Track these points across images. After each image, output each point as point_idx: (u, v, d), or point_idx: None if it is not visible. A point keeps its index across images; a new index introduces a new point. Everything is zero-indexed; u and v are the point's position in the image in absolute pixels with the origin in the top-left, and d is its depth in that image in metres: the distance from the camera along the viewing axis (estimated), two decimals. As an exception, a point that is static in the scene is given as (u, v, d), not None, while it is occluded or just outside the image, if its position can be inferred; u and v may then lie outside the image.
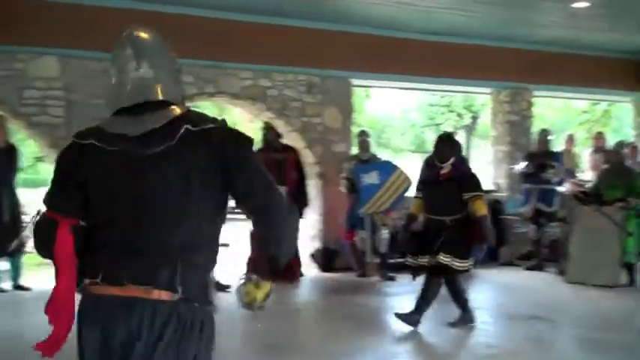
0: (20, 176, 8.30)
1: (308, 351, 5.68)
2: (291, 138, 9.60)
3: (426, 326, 6.19)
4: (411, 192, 7.64)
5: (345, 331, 6.28)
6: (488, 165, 11.72)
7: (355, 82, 10.17)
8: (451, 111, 24.52)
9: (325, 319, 6.96)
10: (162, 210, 2.10)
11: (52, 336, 2.17)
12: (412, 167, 9.17)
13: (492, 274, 9.20)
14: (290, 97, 9.50)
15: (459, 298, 6.24)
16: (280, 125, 9.47)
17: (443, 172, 6.15)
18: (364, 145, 9.32)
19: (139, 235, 2.10)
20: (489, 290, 8.44)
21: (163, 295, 2.07)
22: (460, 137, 23.44)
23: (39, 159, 23.80)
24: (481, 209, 5.99)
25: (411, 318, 6.13)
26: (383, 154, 12.74)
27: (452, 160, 6.14)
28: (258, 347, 5.75)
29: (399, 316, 6.16)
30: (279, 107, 9.44)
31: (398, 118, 28.26)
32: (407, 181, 8.53)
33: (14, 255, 7.87)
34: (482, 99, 18.12)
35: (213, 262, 2.26)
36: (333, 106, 9.78)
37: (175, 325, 2.09)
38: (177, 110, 2.20)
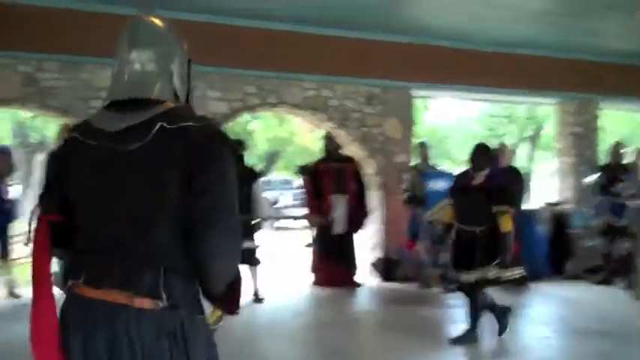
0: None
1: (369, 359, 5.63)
2: (352, 148, 9.61)
3: (487, 340, 6.06)
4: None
5: (406, 342, 6.19)
6: (551, 177, 11.44)
7: (415, 92, 10.09)
8: (512, 122, 24.10)
9: (385, 330, 6.89)
10: (138, 211, 1.93)
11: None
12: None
13: (557, 288, 8.95)
14: (350, 108, 9.50)
15: (477, 313, 6.11)
16: (341, 135, 9.49)
17: (475, 181, 6.08)
18: (424, 155, 9.26)
19: (118, 236, 1.94)
20: (554, 304, 8.22)
21: (145, 302, 1.89)
22: (523, 149, 23.07)
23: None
24: (506, 225, 5.85)
25: (468, 337, 6.03)
26: (442, 166, 12.61)
27: (487, 170, 6.08)
28: (320, 355, 5.73)
29: (454, 341, 6.03)
30: (340, 117, 9.44)
31: (457, 129, 27.95)
32: None
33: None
34: (546, 109, 17.73)
35: None
36: (393, 117, 9.72)
37: (160, 336, 1.89)
38: (164, 107, 1.99)
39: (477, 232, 5.89)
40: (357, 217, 9.00)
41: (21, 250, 7.81)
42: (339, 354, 5.71)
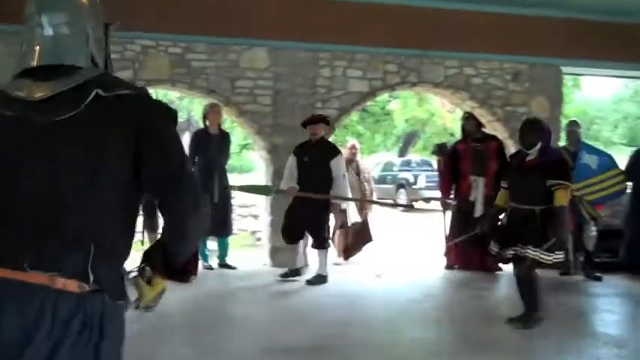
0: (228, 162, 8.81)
1: (507, 347, 5.45)
2: (493, 128, 9.33)
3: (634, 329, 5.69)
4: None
5: (546, 329, 5.93)
6: None
7: (565, 69, 9.60)
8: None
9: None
10: (67, 187, 1.79)
11: None
12: (623, 162, 8.51)
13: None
14: (494, 86, 9.20)
15: (533, 295, 5.81)
16: (483, 115, 9.23)
17: (529, 158, 5.77)
18: (574, 136, 8.77)
19: (44, 215, 1.78)
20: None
21: (70, 284, 1.74)
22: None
23: (244, 146, 25.37)
24: (561, 199, 5.53)
25: (531, 319, 5.79)
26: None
27: (538, 145, 5.73)
28: (454, 339, 5.63)
29: (513, 321, 5.81)
30: (482, 96, 9.17)
31: (610, 109, 26.40)
32: (623, 184, 8.09)
33: (222, 235, 8.36)
34: None
35: (129, 251, 1.94)
36: (540, 95, 9.32)
37: (81, 322, 1.76)
38: (89, 73, 1.87)
39: (535, 211, 5.62)
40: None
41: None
42: (474, 339, 5.57)
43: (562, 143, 9.29)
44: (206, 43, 8.28)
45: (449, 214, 9.01)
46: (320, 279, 7.46)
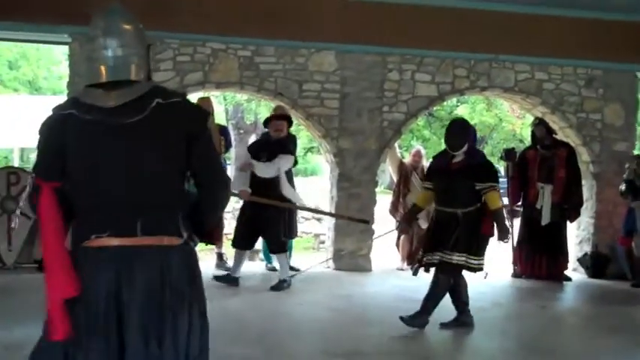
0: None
1: (569, 358, 5.33)
2: (565, 135, 9.12)
3: None
4: None
5: (613, 343, 5.76)
6: None
7: (642, 75, 9.30)
8: None
9: (591, 329, 6.46)
10: (153, 171, 2.35)
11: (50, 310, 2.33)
12: None
13: None
14: (567, 92, 8.98)
15: (460, 298, 5.69)
16: (554, 121, 9.04)
17: (455, 161, 5.59)
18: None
19: (137, 194, 2.33)
20: None
21: (172, 240, 2.36)
22: None
23: (309, 149, 25.48)
24: (495, 202, 5.46)
25: (417, 320, 5.59)
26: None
27: (465, 148, 5.57)
28: (520, 348, 5.52)
29: (403, 319, 5.59)
30: (554, 102, 8.97)
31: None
32: None
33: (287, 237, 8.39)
34: None
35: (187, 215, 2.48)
36: (615, 102, 9.05)
37: (183, 264, 2.38)
38: (147, 86, 2.42)
39: (459, 215, 5.48)
40: (567, 206, 8.47)
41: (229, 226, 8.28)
42: (540, 349, 5.46)
43: (637, 151, 9.02)
44: (275, 47, 8.36)
45: (516, 221, 8.84)
46: (282, 284, 7.19)
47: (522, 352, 5.43)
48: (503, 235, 5.58)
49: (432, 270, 5.74)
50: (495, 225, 5.54)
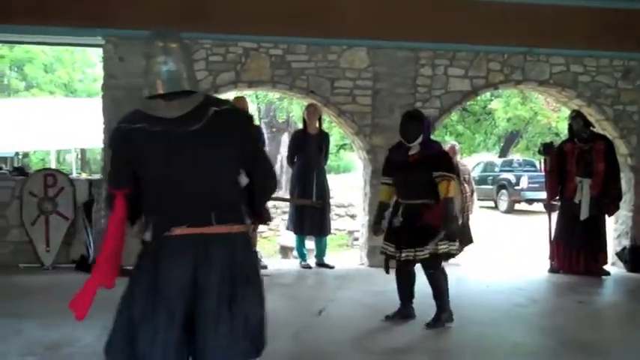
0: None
1: (610, 353, 5.23)
2: (602, 127, 8.98)
3: None
4: None
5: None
6: None
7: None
8: None
9: (630, 323, 6.36)
10: (219, 170, 2.76)
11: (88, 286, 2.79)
12: None
13: None
14: (603, 84, 8.84)
15: (444, 294, 5.61)
16: (591, 113, 8.91)
17: (412, 153, 5.52)
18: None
19: (207, 190, 2.73)
20: None
21: (239, 228, 2.80)
22: None
23: (342, 146, 25.47)
24: (447, 191, 5.40)
25: (439, 322, 5.59)
26: None
27: (420, 139, 5.49)
28: (557, 344, 5.45)
29: (429, 325, 5.57)
30: (590, 95, 8.83)
31: None
32: None
33: (320, 235, 8.42)
34: None
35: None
36: (652, 93, 8.88)
37: (246, 246, 2.85)
38: (200, 96, 2.80)
39: (421, 206, 5.45)
40: (606, 200, 8.33)
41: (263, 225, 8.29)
42: (578, 345, 5.39)
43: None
44: (306, 45, 8.36)
45: (554, 215, 8.73)
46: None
47: (561, 348, 5.35)
48: (449, 227, 5.44)
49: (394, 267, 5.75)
50: (442, 215, 5.42)
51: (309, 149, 8.27)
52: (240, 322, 2.72)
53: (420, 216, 5.51)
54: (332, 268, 8.37)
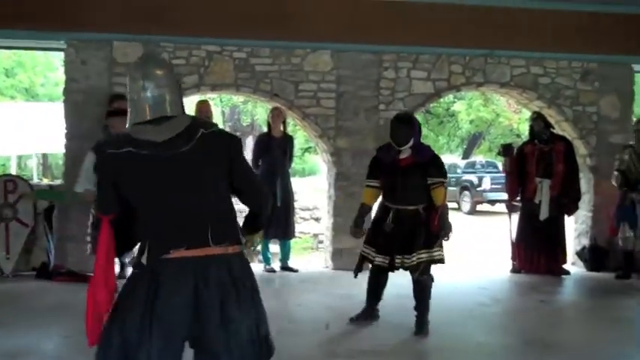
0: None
1: (573, 352, 5.32)
2: (562, 128, 9.13)
3: None
4: None
5: (613, 335, 5.80)
6: None
7: (637, 67, 9.31)
8: None
9: (591, 322, 6.48)
10: (209, 191, 2.75)
11: (90, 317, 2.76)
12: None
13: None
14: (563, 85, 8.99)
15: (427, 301, 5.61)
16: (551, 115, 9.05)
17: (403, 157, 5.52)
18: (642, 135, 8.47)
19: (201, 212, 2.73)
20: None
21: (234, 248, 2.79)
22: None
23: (307, 149, 25.50)
24: (441, 198, 5.44)
25: (424, 327, 5.59)
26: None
27: (411, 142, 5.50)
28: (520, 343, 5.56)
29: (416, 333, 5.58)
30: (550, 96, 8.97)
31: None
32: None
33: (284, 238, 8.42)
34: None
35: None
36: (611, 95, 9.06)
37: (243, 267, 2.83)
38: (188, 119, 2.82)
39: (412, 211, 5.48)
40: (565, 200, 8.48)
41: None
42: (540, 343, 5.48)
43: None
44: (270, 48, 8.36)
45: (515, 216, 8.86)
46: None
47: (523, 347, 5.44)
48: (446, 233, 5.46)
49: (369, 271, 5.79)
50: (439, 222, 5.44)
51: (274, 152, 8.27)
52: (246, 335, 2.75)
53: (414, 222, 5.50)
54: (296, 271, 8.38)
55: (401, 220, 5.55)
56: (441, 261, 5.59)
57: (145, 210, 2.77)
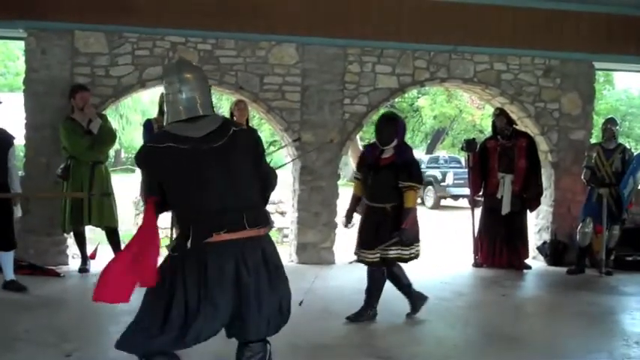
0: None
1: (535, 345, 5.41)
2: (524, 124, 9.23)
3: None
4: None
5: (574, 329, 5.92)
6: None
7: (598, 65, 9.45)
8: None
9: (551, 315, 6.59)
10: (244, 179, 3.17)
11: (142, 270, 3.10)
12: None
13: None
14: (525, 82, 9.09)
15: (402, 282, 5.82)
16: (513, 111, 9.15)
17: (385, 156, 5.65)
18: (610, 134, 8.62)
19: (237, 198, 3.13)
20: None
21: (265, 230, 3.23)
22: None
23: (271, 143, 25.42)
24: (410, 201, 5.53)
25: (364, 316, 5.76)
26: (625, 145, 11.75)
27: (394, 142, 5.62)
28: (482, 337, 5.62)
29: (349, 319, 5.75)
30: (513, 92, 9.07)
31: (642, 106, 26.06)
32: None
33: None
34: None
35: None
36: (572, 91, 9.20)
37: (273, 248, 3.29)
38: (220, 118, 3.29)
39: (387, 209, 5.58)
40: (527, 196, 8.59)
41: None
42: (502, 337, 5.56)
43: (593, 140, 9.19)
44: (235, 40, 8.30)
45: (477, 211, 8.95)
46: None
47: (484, 341, 5.50)
48: (403, 234, 5.50)
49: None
50: (406, 222, 5.50)
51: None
52: (276, 304, 3.22)
53: (380, 219, 5.59)
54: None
55: (376, 216, 5.64)
56: (400, 260, 5.69)
57: (186, 198, 3.14)
